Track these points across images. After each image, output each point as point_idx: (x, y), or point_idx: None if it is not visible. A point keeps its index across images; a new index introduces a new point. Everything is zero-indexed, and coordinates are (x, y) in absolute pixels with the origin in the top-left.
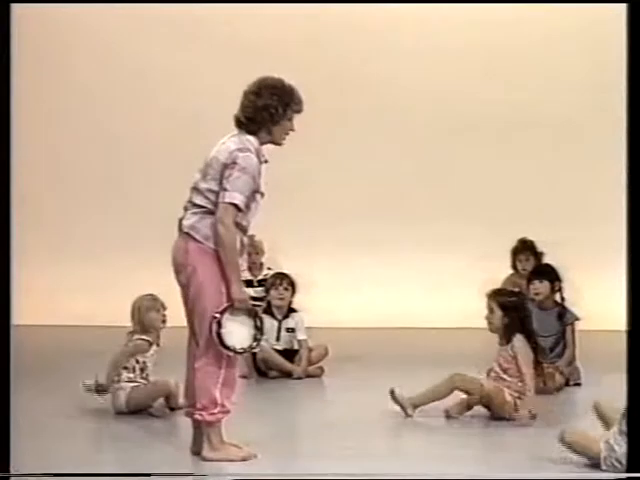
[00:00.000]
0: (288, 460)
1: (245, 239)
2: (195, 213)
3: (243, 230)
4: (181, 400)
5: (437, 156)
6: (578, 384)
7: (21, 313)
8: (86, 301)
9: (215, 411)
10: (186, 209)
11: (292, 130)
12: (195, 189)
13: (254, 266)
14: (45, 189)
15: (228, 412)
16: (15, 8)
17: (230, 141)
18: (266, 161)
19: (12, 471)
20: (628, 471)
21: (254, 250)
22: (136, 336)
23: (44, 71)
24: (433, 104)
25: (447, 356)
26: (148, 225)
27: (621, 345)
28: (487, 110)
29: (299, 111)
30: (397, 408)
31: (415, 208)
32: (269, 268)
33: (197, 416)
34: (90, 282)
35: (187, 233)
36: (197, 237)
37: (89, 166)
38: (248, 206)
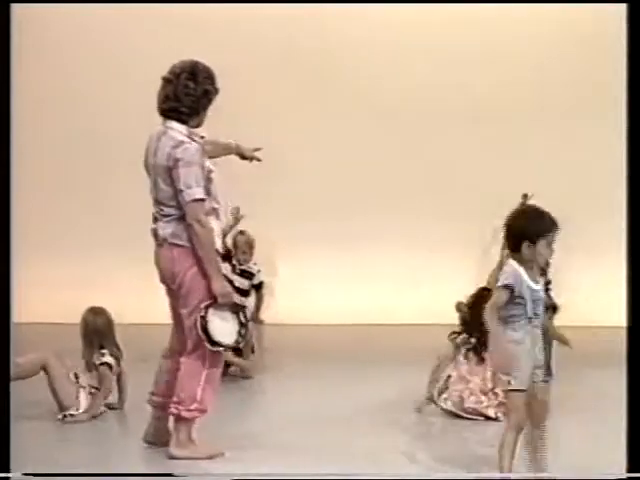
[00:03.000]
0: (254, 457)
1: (226, 227)
2: (169, 221)
3: (217, 215)
4: None
5: (412, 152)
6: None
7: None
8: (79, 298)
9: (192, 407)
10: (156, 218)
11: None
12: (156, 201)
13: (243, 260)
14: (44, 188)
15: (205, 411)
16: (15, 8)
17: (162, 143)
18: (202, 137)
19: (12, 471)
20: (628, 471)
21: (248, 245)
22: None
23: (44, 71)
24: (412, 98)
25: (419, 352)
26: (144, 224)
27: (601, 341)
28: (469, 105)
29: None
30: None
31: (389, 204)
32: (254, 263)
33: (173, 410)
34: (83, 280)
35: (171, 242)
36: (181, 243)
37: (86, 165)
38: (208, 191)
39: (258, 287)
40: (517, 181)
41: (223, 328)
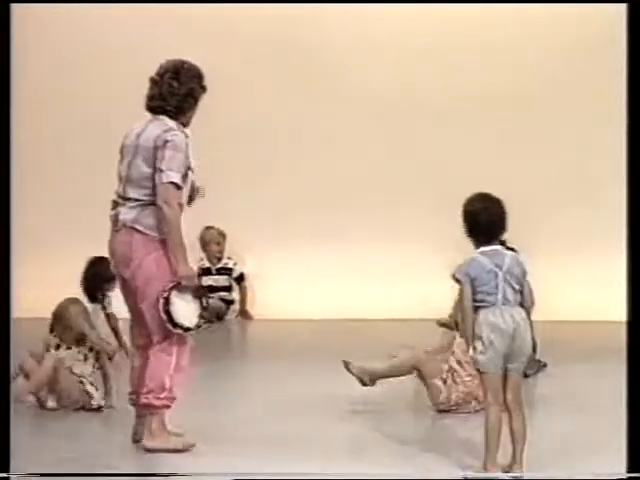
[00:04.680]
0: (227, 449)
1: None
2: (134, 207)
3: (180, 209)
4: None
5: (404, 147)
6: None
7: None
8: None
9: (162, 396)
10: (117, 204)
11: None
12: (127, 181)
13: (212, 256)
14: (43, 186)
15: (174, 399)
16: (15, 8)
17: (152, 125)
18: (187, 136)
19: (12, 471)
20: (628, 471)
21: (214, 240)
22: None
23: (44, 71)
24: (407, 95)
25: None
26: None
27: (601, 336)
28: (465, 102)
29: (206, 91)
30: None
31: (379, 199)
32: (229, 257)
33: (143, 399)
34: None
35: (132, 227)
36: (142, 229)
37: (86, 164)
38: (183, 183)
39: (240, 280)
40: (515, 178)
41: (185, 310)
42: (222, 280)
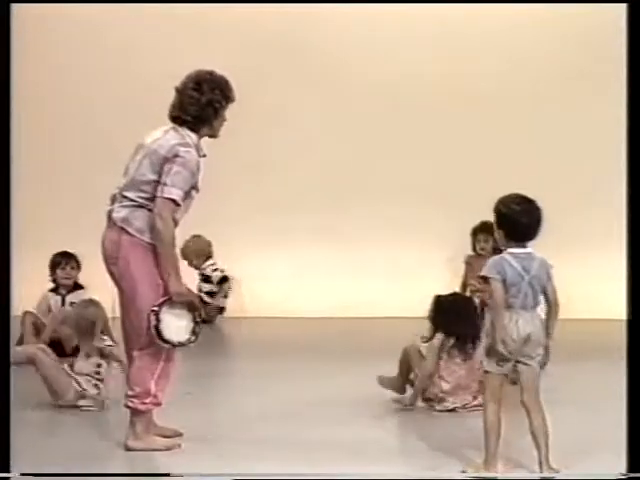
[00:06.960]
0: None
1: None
2: (126, 206)
3: (175, 224)
4: None
5: (403, 146)
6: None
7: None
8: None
9: (147, 401)
10: (115, 200)
11: (225, 120)
12: (131, 180)
13: (198, 264)
14: (42, 185)
15: (159, 404)
16: (15, 8)
17: (170, 135)
18: (204, 155)
19: (12, 471)
20: (628, 471)
21: (198, 253)
22: None
23: (44, 71)
24: (405, 93)
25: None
26: None
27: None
28: (464, 100)
29: (234, 100)
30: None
31: (380, 198)
32: (214, 264)
33: (128, 403)
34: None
35: (120, 227)
36: (130, 230)
37: (86, 164)
38: (183, 201)
39: (221, 282)
40: (514, 175)
41: (176, 326)
42: (209, 288)
